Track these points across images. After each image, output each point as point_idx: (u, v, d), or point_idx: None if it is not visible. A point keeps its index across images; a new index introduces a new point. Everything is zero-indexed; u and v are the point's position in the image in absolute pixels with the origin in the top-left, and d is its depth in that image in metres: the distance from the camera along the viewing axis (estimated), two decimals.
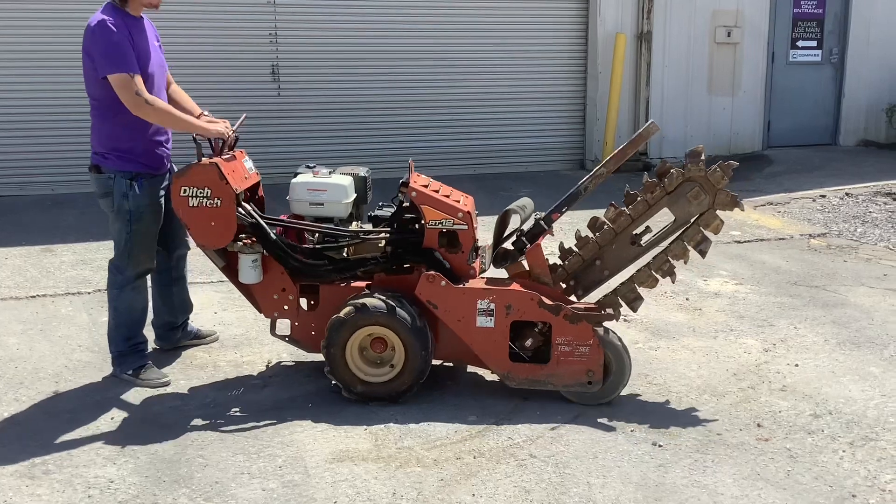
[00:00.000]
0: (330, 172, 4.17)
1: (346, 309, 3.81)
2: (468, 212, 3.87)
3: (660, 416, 3.80)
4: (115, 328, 4.16)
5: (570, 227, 4.48)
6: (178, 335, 4.54)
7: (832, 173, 9.87)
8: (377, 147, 9.51)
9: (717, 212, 3.79)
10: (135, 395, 4.00)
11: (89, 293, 5.50)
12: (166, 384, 4.11)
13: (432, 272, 3.80)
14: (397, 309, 3.75)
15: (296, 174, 4.18)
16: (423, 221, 3.88)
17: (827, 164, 10.51)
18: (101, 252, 6.40)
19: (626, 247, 3.91)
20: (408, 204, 3.92)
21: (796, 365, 4.38)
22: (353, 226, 4.15)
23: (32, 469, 3.33)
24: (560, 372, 3.80)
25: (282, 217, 4.11)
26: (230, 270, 4.11)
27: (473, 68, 9.99)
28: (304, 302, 4.18)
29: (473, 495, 3.14)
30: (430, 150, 9.70)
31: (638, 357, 4.42)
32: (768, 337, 4.79)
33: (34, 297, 5.43)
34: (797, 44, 11.45)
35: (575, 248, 3.97)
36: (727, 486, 3.20)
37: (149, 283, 4.33)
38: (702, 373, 4.29)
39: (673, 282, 3.94)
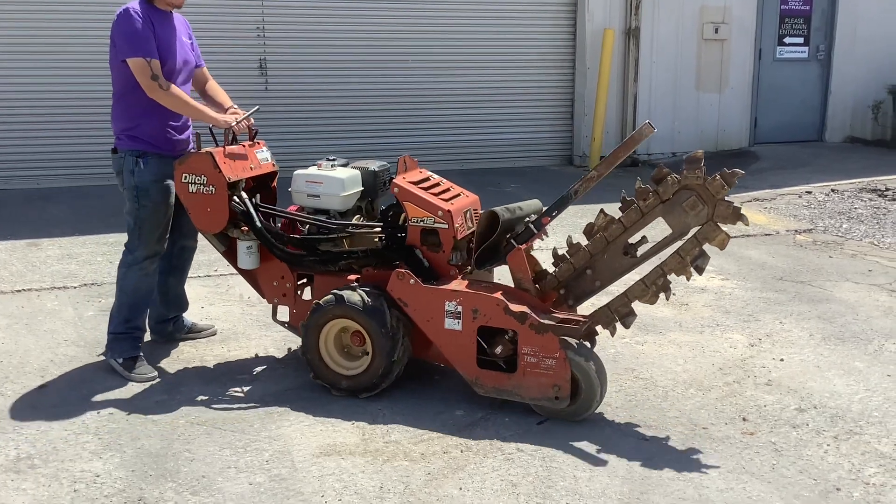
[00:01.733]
0: (333, 165, 4.19)
1: (308, 314, 3.89)
2: (448, 210, 3.82)
3: (646, 410, 3.82)
4: (117, 308, 4.22)
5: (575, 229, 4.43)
6: (169, 328, 4.57)
7: (818, 170, 9.93)
8: (365, 142, 9.50)
9: (721, 225, 3.48)
10: (121, 390, 3.99)
11: (75, 287, 5.47)
12: (152, 380, 4.11)
13: (402, 269, 3.78)
14: (345, 297, 3.79)
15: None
16: (406, 218, 3.89)
17: (813, 160, 10.57)
18: (87, 246, 6.38)
19: (618, 257, 3.66)
20: None
21: (781, 359, 4.41)
22: (356, 219, 4.17)
23: (18, 463, 3.31)
24: (526, 383, 3.62)
25: (290, 209, 4.20)
26: (231, 255, 4.25)
27: (462, 64, 10.00)
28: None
29: (461, 489, 3.15)
30: (418, 145, 9.69)
31: (624, 352, 4.45)
32: (754, 332, 4.81)
33: (19, 291, 5.40)
34: (784, 40, 11.51)
35: (567, 255, 3.78)
36: (712, 479, 3.22)
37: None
38: (688, 367, 4.31)
39: (668, 299, 3.69)
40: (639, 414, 3.78)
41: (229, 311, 5.06)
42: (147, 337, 4.53)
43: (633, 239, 3.67)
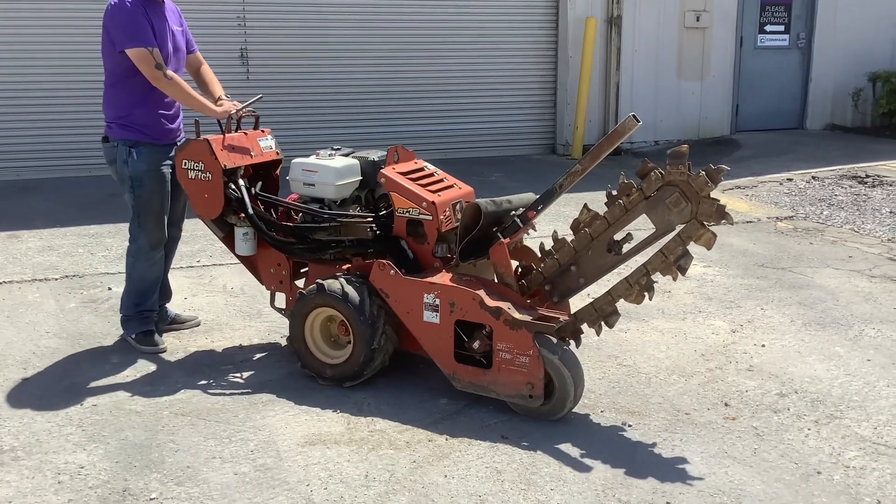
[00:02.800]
0: (332, 154, 4.19)
1: (294, 303, 3.94)
2: (433, 202, 3.81)
3: (629, 396, 3.85)
4: (126, 294, 4.37)
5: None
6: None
7: (799, 157, 9.99)
8: (347, 132, 9.47)
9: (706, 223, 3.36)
10: (105, 382, 3.97)
11: (56, 279, 5.44)
12: (161, 351, 4.28)
13: (383, 260, 3.77)
14: (326, 286, 3.81)
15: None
16: (393, 208, 3.89)
17: (794, 147, 10.63)
18: (68, 238, 6.34)
19: (602, 254, 3.59)
20: None
21: (763, 345, 4.45)
22: (353, 209, 4.17)
23: (1, 456, 3.29)
24: (501, 380, 3.56)
25: (289, 197, 4.23)
26: (230, 242, 4.31)
27: (444, 53, 9.98)
28: None
29: (446, 476, 3.16)
30: (401, 134, 9.67)
31: (608, 339, 4.46)
32: (736, 318, 4.85)
33: (0, 283, 5.36)
34: (765, 28, 11.55)
35: (552, 251, 3.72)
36: (695, 464, 3.25)
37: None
38: (670, 354, 4.34)
39: (651, 298, 3.60)
40: (622, 400, 3.80)
41: (213, 301, 5.05)
42: None
43: (619, 236, 3.60)
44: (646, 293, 3.56)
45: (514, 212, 3.79)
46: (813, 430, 3.54)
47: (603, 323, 3.67)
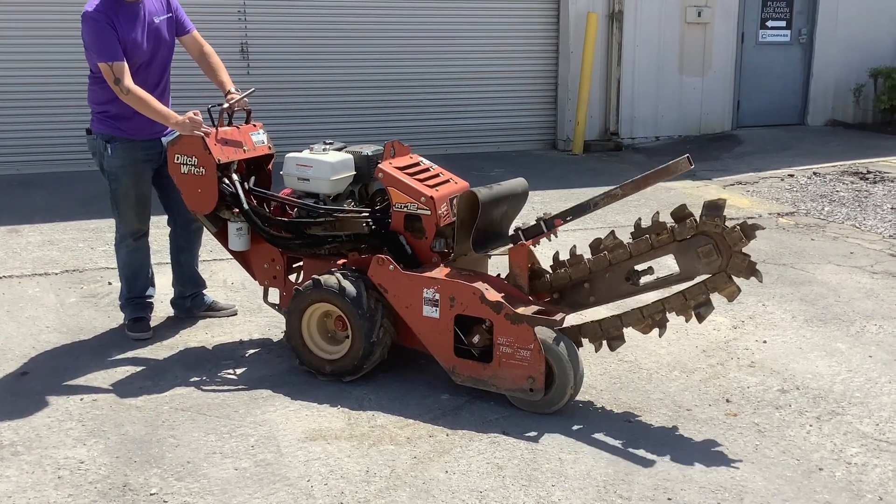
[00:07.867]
0: (326, 149, 4.17)
1: (290, 299, 3.94)
2: (431, 197, 3.79)
3: (630, 392, 3.84)
4: (120, 281, 4.49)
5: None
6: (187, 304, 4.68)
7: (800, 153, 9.97)
8: (347, 127, 9.46)
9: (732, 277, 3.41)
10: (104, 376, 3.96)
11: (56, 274, 5.43)
12: (143, 338, 4.37)
13: (382, 255, 3.76)
14: (322, 281, 3.80)
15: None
16: (391, 203, 3.88)
17: (795, 143, 10.62)
18: (68, 233, 6.33)
19: (619, 281, 3.64)
20: None
21: (764, 341, 4.44)
22: (347, 204, 4.15)
23: (1, 451, 3.29)
24: (502, 374, 3.57)
25: (283, 192, 4.19)
26: (223, 237, 4.29)
27: (445, 48, 9.96)
28: None
29: (447, 472, 3.15)
30: (401, 129, 9.66)
31: None
32: (737, 314, 4.84)
33: (0, 278, 5.35)
34: (767, 24, 11.53)
35: (566, 264, 3.74)
36: (696, 460, 3.24)
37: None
38: (672, 350, 4.33)
39: (660, 336, 3.65)
40: (623, 396, 3.79)
41: (213, 296, 5.03)
42: (170, 312, 4.71)
43: (640, 266, 3.63)
44: (657, 328, 3.60)
45: (540, 216, 3.75)
46: (815, 426, 3.53)
47: (605, 342, 3.70)
